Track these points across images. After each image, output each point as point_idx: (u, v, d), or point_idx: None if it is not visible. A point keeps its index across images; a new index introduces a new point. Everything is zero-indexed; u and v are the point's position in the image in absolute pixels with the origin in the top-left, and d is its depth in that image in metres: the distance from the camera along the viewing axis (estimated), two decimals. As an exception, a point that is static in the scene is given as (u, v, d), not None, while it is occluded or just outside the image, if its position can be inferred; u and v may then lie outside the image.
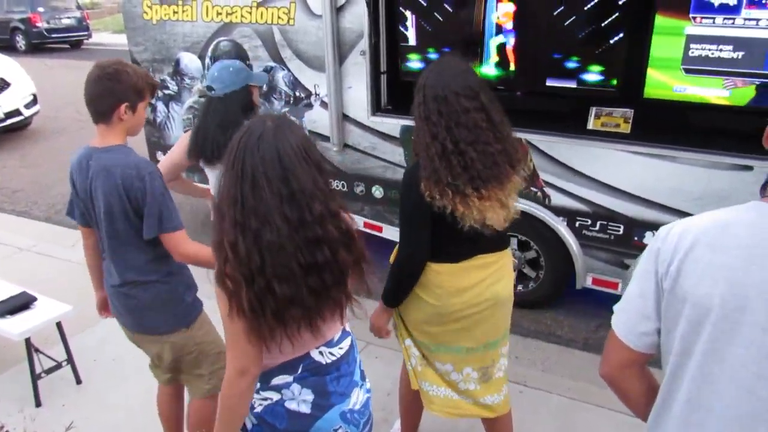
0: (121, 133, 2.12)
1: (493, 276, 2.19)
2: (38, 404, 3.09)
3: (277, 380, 1.60)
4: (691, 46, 2.83)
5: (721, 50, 2.78)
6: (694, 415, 1.20)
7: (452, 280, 2.13)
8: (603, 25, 3.05)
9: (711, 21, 2.75)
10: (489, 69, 3.42)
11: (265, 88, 4.06)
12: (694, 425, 1.20)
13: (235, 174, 1.43)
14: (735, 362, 1.12)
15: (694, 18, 2.78)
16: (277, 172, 1.41)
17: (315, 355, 1.61)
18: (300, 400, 1.60)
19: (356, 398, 1.69)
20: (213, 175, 2.85)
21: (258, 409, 1.62)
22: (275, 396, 1.60)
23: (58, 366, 3.21)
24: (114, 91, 2.03)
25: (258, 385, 1.61)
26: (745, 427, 1.13)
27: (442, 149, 1.94)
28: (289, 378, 1.60)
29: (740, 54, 2.74)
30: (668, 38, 2.88)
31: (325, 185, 1.50)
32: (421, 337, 2.27)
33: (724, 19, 2.72)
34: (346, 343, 1.68)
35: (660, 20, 2.87)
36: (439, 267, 2.12)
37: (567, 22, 3.10)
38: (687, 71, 2.90)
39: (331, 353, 1.63)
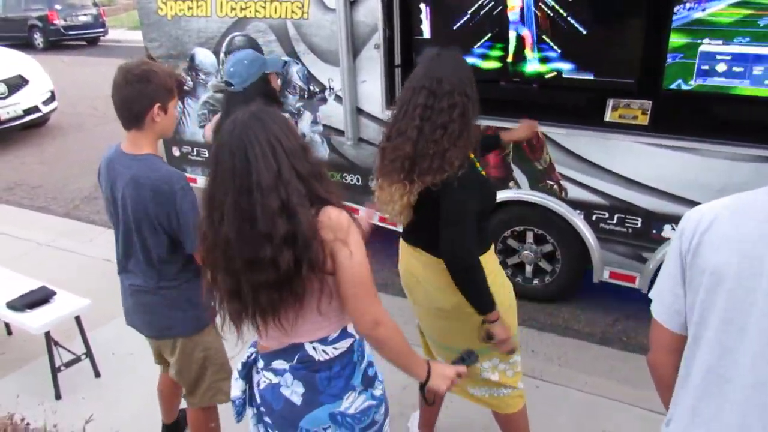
0: (153, 138, 2.10)
1: (418, 273, 2.22)
2: (58, 397, 3.13)
3: (276, 364, 1.65)
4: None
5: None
6: (713, 386, 1.21)
7: (400, 255, 2.31)
8: (621, 15, 3.00)
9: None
10: (504, 61, 3.39)
11: (279, 82, 4.07)
12: (715, 396, 1.21)
13: (212, 171, 1.49)
14: (751, 330, 1.14)
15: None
16: (241, 166, 1.44)
17: (308, 348, 1.61)
18: (293, 390, 1.63)
19: (350, 402, 1.64)
20: None
21: (261, 386, 1.69)
22: (274, 379, 1.65)
23: (77, 359, 3.25)
24: (145, 93, 1.99)
25: (262, 364, 1.68)
26: (763, 396, 1.14)
27: (387, 132, 2.10)
28: (285, 365, 1.63)
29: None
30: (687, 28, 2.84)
31: (300, 174, 1.46)
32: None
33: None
34: (343, 345, 1.63)
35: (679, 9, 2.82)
36: (400, 239, 2.32)
37: (584, 13, 3.06)
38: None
39: (324, 351, 1.61)
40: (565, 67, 3.23)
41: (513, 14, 3.26)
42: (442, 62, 2.00)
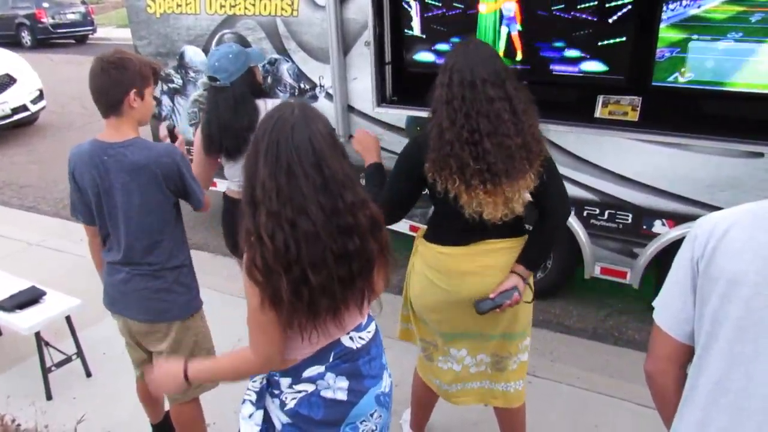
0: (133, 123, 2.13)
1: (506, 264, 2.11)
2: (49, 397, 3.11)
3: (308, 372, 1.60)
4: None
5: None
6: (723, 397, 1.17)
7: (458, 263, 2.10)
8: (610, 11, 3.01)
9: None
10: (495, 58, 3.39)
11: (270, 80, 4.05)
12: (725, 408, 1.17)
13: (270, 165, 1.43)
14: None
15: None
16: (311, 161, 1.42)
17: (346, 341, 1.62)
18: (336, 388, 1.61)
19: (386, 381, 1.73)
20: (233, 169, 2.79)
21: (290, 405, 1.61)
22: (310, 387, 1.61)
23: (68, 359, 3.23)
24: (122, 80, 2.04)
25: (289, 380, 1.61)
26: None
27: (457, 136, 1.91)
28: (321, 368, 1.60)
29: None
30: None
31: (351, 172, 1.51)
32: (435, 325, 2.26)
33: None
34: (372, 327, 1.72)
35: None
36: (444, 249, 2.11)
37: (573, 9, 3.06)
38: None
39: (360, 337, 1.65)
40: (555, 63, 3.24)
41: (503, 10, 3.26)
42: (485, 52, 1.99)
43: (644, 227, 3.28)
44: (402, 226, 4.01)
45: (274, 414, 1.66)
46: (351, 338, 1.64)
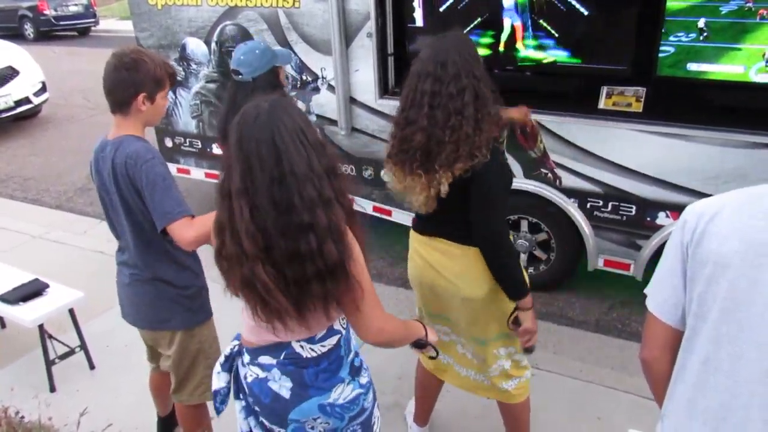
0: (137, 123, 2.08)
1: (449, 267, 2.11)
2: (52, 390, 3.13)
3: (262, 359, 1.64)
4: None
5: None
6: (711, 377, 1.19)
7: (419, 249, 2.20)
8: (614, 0, 2.99)
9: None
10: (498, 48, 3.37)
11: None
12: (712, 388, 1.19)
13: (234, 157, 1.43)
14: (753, 321, 1.12)
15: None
16: (270, 154, 1.39)
17: (296, 346, 1.60)
18: (281, 384, 1.63)
19: (339, 394, 1.65)
20: None
21: (249, 380, 1.68)
22: (261, 373, 1.65)
23: (72, 352, 3.24)
24: (132, 81, 1.99)
25: (248, 358, 1.67)
26: (767, 388, 1.12)
27: (396, 120, 2.04)
28: (272, 360, 1.63)
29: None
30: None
31: (324, 169, 1.44)
32: (419, 300, 2.36)
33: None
34: (330, 342, 1.62)
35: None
36: (412, 232, 2.25)
37: (577, -1, 3.04)
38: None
39: (312, 349, 1.60)
40: (559, 54, 3.21)
41: (506, 0, 3.23)
42: (446, 44, 1.96)
43: (648, 219, 3.26)
44: (403, 217, 4.02)
45: (243, 381, 1.72)
46: (301, 346, 1.60)
